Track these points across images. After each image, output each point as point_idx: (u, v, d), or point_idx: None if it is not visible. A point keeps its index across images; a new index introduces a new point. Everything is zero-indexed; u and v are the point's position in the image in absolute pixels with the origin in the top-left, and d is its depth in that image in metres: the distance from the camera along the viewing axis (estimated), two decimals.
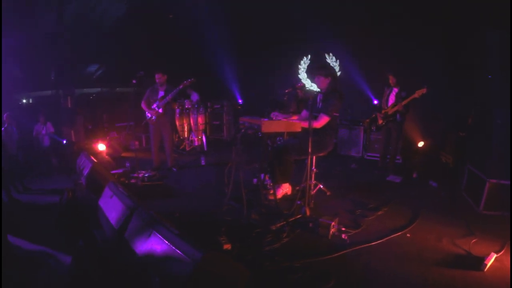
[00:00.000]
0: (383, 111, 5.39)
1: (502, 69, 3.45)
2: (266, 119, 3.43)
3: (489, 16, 4.61)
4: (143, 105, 5.61)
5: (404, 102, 5.02)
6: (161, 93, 5.53)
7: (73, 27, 7.21)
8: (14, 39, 6.51)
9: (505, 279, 2.36)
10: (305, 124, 3.46)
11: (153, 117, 5.55)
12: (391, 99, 5.32)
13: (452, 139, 5.92)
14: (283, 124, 3.51)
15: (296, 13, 6.93)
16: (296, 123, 3.53)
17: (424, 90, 4.74)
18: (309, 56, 8.96)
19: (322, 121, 3.67)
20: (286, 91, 3.82)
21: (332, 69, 3.93)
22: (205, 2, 6.86)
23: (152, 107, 5.54)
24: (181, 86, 5.40)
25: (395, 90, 5.28)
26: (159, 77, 5.49)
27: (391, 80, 5.30)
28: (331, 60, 8.46)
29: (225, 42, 8.73)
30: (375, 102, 5.52)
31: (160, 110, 5.47)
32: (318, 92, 4.00)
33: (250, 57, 10.04)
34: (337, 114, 3.77)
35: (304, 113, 4.07)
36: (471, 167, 4.14)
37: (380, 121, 5.46)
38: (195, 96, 8.00)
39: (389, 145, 5.55)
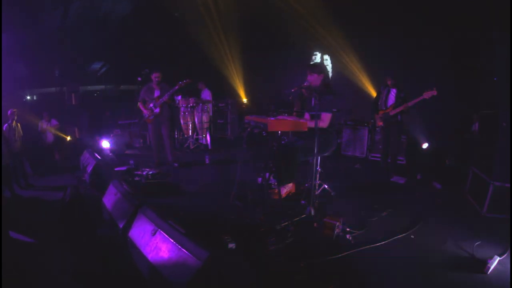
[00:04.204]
0: (381, 112, 5.29)
1: (508, 71, 3.43)
2: (272, 118, 3.42)
3: (496, 18, 4.58)
4: (140, 106, 5.67)
5: (410, 103, 4.88)
6: (157, 93, 5.56)
7: (78, 24, 7.23)
8: (19, 36, 6.54)
9: (508, 282, 2.35)
10: (311, 124, 3.46)
11: (150, 116, 5.59)
12: (391, 100, 5.21)
13: (457, 141, 5.89)
14: (289, 123, 3.50)
15: (301, 13, 6.92)
16: (303, 123, 3.52)
17: (434, 92, 4.61)
18: (314, 56, 8.94)
19: (326, 119, 3.68)
20: (292, 90, 3.80)
21: (324, 67, 3.94)
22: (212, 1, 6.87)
23: (149, 106, 5.58)
24: (176, 87, 5.46)
25: (394, 90, 5.17)
26: (156, 76, 5.52)
27: (389, 81, 5.20)
28: (333, 61, 8.44)
29: (231, 40, 8.72)
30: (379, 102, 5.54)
31: (157, 110, 5.51)
32: (311, 92, 3.96)
33: (256, 56, 10.03)
34: (335, 110, 3.77)
35: (306, 116, 4.06)
36: (475, 169, 4.12)
37: (380, 123, 5.35)
38: (206, 94, 7.96)
39: (390, 146, 5.46)
